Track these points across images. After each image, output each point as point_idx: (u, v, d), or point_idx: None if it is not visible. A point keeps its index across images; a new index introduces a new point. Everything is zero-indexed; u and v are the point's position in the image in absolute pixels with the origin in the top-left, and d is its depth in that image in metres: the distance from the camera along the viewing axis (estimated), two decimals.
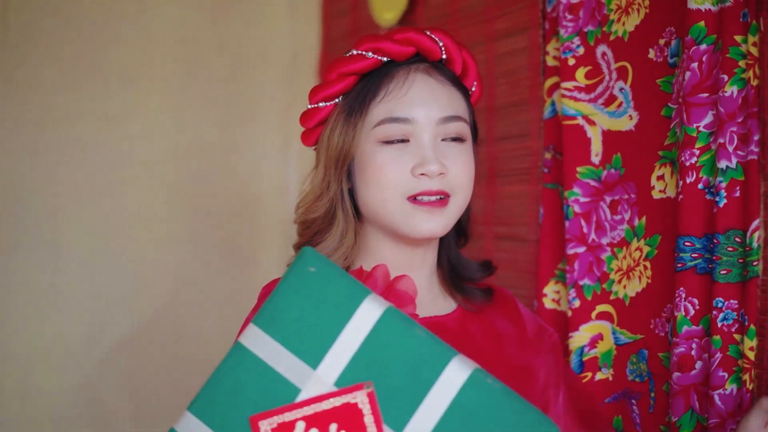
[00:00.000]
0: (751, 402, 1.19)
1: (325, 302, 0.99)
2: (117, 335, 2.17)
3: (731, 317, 1.21)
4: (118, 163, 2.16)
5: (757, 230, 1.18)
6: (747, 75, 1.18)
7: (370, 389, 0.96)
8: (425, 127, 1.18)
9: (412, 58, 1.22)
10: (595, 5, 1.42)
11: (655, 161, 1.34)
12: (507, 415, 0.93)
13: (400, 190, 1.17)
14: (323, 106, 1.23)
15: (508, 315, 1.32)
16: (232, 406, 0.99)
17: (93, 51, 2.12)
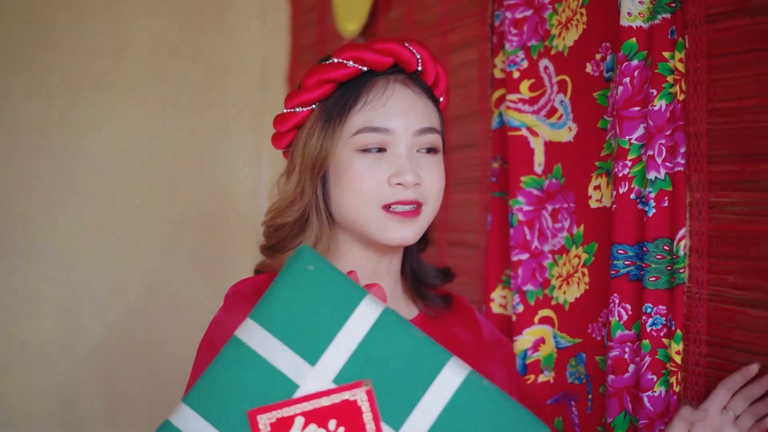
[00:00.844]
0: (678, 404, 1.24)
1: (324, 300, 0.99)
2: (91, 338, 2.21)
3: (659, 322, 1.25)
4: (91, 170, 2.20)
5: (683, 239, 1.23)
6: (674, 90, 1.23)
7: (369, 387, 0.97)
8: (402, 137, 1.20)
9: (390, 68, 1.24)
10: (538, 20, 1.47)
11: (592, 171, 1.39)
12: (502, 416, 0.96)
13: (376, 198, 1.19)
14: (299, 111, 1.25)
15: (466, 322, 1.36)
16: (229, 399, 0.98)
17: (66, 60, 2.16)
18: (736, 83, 1.16)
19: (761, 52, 1.13)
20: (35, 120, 2.14)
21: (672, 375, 1.24)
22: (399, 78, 1.23)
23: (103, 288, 2.23)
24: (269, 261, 1.29)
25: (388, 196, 1.19)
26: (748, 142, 1.15)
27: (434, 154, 1.24)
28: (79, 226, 2.19)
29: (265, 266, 1.30)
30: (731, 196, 1.17)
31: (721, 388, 1.16)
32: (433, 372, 0.96)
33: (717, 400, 1.16)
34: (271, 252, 1.29)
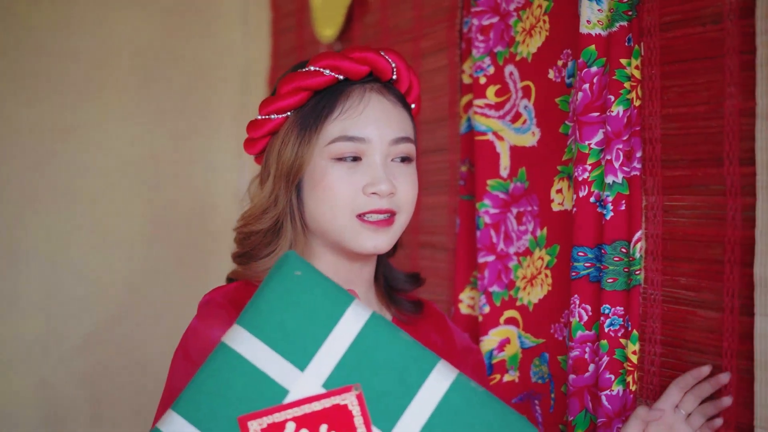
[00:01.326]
0: (634, 402, 1.27)
1: (312, 305, 0.99)
2: (73, 338, 2.24)
3: (617, 323, 1.28)
4: (74, 173, 2.23)
5: (639, 241, 1.26)
6: (631, 96, 1.26)
7: (359, 391, 0.97)
8: (378, 147, 1.21)
9: (366, 77, 1.24)
10: (503, 27, 1.50)
11: (554, 175, 1.42)
12: (491, 417, 0.97)
13: (350, 207, 1.20)
14: (274, 118, 1.24)
15: (437, 328, 1.37)
16: (218, 406, 0.98)
17: (50, 64, 2.19)
18: (688, 90, 1.19)
19: (711, 60, 1.15)
20: (18, 123, 2.17)
21: (629, 374, 1.27)
22: (375, 87, 1.24)
23: (85, 289, 2.26)
24: (241, 269, 1.28)
25: (363, 205, 1.19)
26: (699, 147, 1.17)
27: (408, 163, 1.25)
28: (61, 228, 2.22)
29: (237, 274, 1.29)
30: (683, 199, 1.20)
31: (673, 388, 1.18)
32: (422, 375, 0.97)
33: (669, 399, 1.18)
34: (243, 259, 1.28)
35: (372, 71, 1.25)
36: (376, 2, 1.89)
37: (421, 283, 1.40)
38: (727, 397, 1.14)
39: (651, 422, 1.18)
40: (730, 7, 1.13)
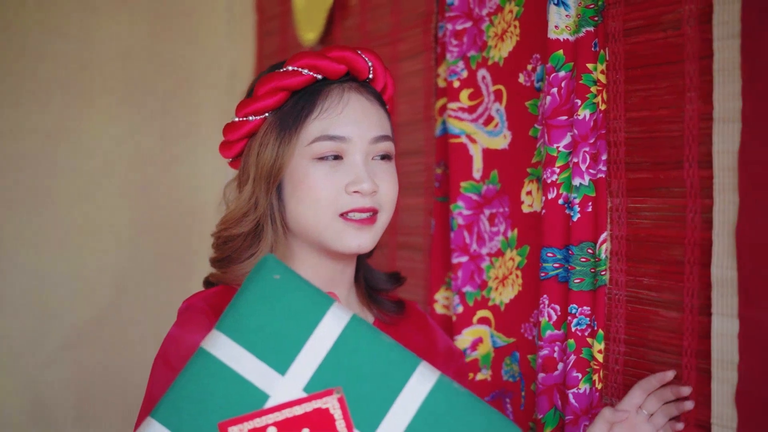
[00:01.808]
0: (600, 400, 1.30)
1: (291, 309, 0.98)
2: (60, 338, 2.27)
3: (584, 322, 1.31)
4: (59, 175, 2.26)
5: (604, 243, 1.29)
6: (597, 100, 1.29)
7: (341, 394, 0.96)
8: (359, 145, 1.20)
9: (343, 76, 1.24)
10: (476, 32, 1.52)
11: (524, 178, 1.44)
12: (475, 418, 0.96)
13: (333, 206, 1.18)
14: (252, 120, 1.22)
15: (420, 328, 1.37)
16: (198, 412, 0.96)
17: (36, 67, 2.22)
18: (651, 94, 1.21)
19: (672, 65, 1.18)
20: (5, 127, 2.20)
21: (595, 373, 1.29)
22: (353, 86, 1.23)
23: (71, 289, 2.28)
24: (220, 273, 1.27)
25: (346, 204, 1.19)
26: (661, 150, 1.20)
27: (388, 161, 1.25)
28: (47, 229, 2.25)
29: (216, 278, 1.27)
30: (646, 201, 1.23)
31: (637, 389, 1.20)
32: (404, 377, 0.96)
33: (633, 399, 1.19)
34: (222, 264, 1.26)
35: (349, 70, 1.24)
36: (356, 6, 1.92)
37: (402, 282, 1.39)
38: (690, 401, 1.15)
39: (616, 423, 1.20)
40: (689, 13, 1.15)
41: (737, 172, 1.05)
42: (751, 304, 1.02)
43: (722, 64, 1.08)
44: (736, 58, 1.06)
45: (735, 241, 1.04)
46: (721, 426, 1.08)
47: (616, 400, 1.28)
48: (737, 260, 1.04)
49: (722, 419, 1.08)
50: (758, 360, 1.01)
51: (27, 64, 2.21)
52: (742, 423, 1.05)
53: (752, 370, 1.03)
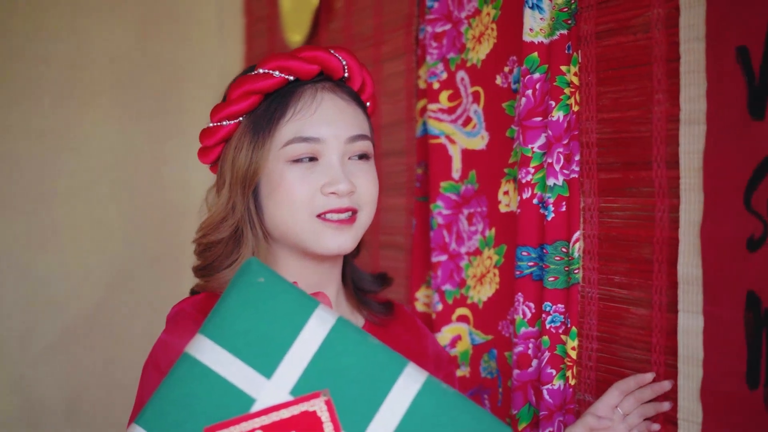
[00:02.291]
0: (573, 396, 1.32)
1: (276, 312, 0.97)
2: (50, 335, 2.30)
3: (558, 320, 1.33)
4: (50, 176, 2.29)
5: (577, 241, 1.31)
6: (570, 101, 1.31)
7: (328, 397, 0.95)
8: (334, 146, 1.19)
9: (317, 76, 1.22)
10: (455, 34, 1.55)
11: (501, 178, 1.47)
12: (464, 418, 0.95)
13: (310, 208, 1.17)
14: (226, 125, 1.22)
15: (409, 330, 1.36)
16: (183, 417, 0.95)
17: (26, 69, 2.25)
18: (621, 96, 1.24)
19: (641, 67, 1.20)
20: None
21: (568, 369, 1.32)
22: (327, 86, 1.22)
23: (62, 288, 2.31)
24: (203, 281, 1.25)
25: (322, 206, 1.18)
26: (631, 150, 1.22)
27: (366, 160, 1.23)
28: (38, 228, 2.28)
29: (201, 287, 1.26)
30: (617, 201, 1.25)
31: (614, 390, 1.20)
32: (391, 379, 0.95)
33: (610, 399, 1.19)
34: (205, 272, 1.25)
35: (323, 70, 1.23)
36: (340, 9, 1.95)
37: (389, 282, 1.38)
38: (667, 402, 1.16)
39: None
40: (657, 17, 1.18)
41: (702, 172, 1.07)
42: (715, 301, 1.04)
43: (688, 66, 1.10)
44: (701, 61, 1.08)
45: (700, 240, 1.06)
46: (687, 421, 1.10)
47: (589, 396, 1.30)
48: (702, 259, 1.06)
49: (688, 414, 1.10)
50: (722, 356, 1.03)
51: (19, 65, 2.24)
52: (707, 418, 1.07)
53: (716, 365, 1.05)
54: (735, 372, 1.00)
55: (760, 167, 0.99)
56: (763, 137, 0.99)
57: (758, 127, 0.99)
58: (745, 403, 0.99)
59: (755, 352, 0.98)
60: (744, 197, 1.01)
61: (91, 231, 2.36)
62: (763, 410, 0.97)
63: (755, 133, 1.00)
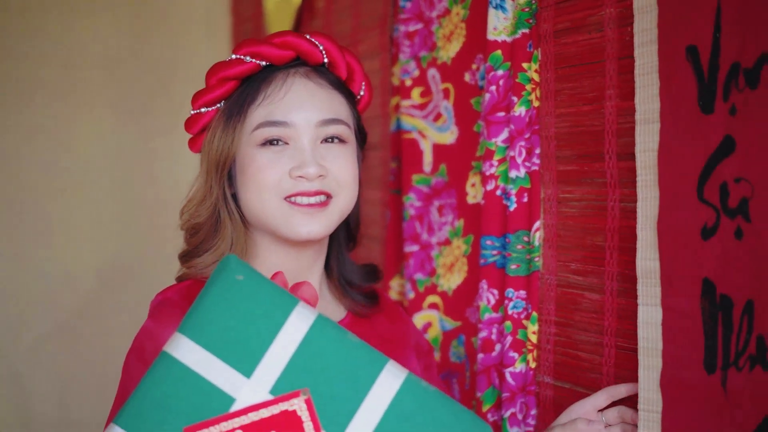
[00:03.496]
0: (534, 378, 1.38)
1: (255, 310, 0.96)
2: (43, 326, 2.37)
3: (520, 306, 1.40)
4: (43, 171, 2.36)
5: (538, 230, 1.38)
6: (531, 97, 1.37)
7: (308, 396, 0.94)
8: (304, 130, 1.19)
9: (293, 62, 1.23)
10: (427, 33, 1.61)
11: (469, 171, 1.53)
12: (443, 416, 0.95)
13: (278, 191, 1.18)
14: (205, 112, 1.24)
15: (393, 320, 1.38)
16: (163, 417, 0.94)
17: (21, 69, 2.32)
18: (577, 91, 1.30)
19: (595, 65, 1.27)
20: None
21: (529, 353, 1.38)
22: (300, 71, 1.22)
23: (55, 282, 2.38)
24: (185, 267, 1.27)
25: (290, 188, 1.18)
26: (586, 143, 1.29)
27: (341, 144, 1.23)
28: (30, 223, 2.34)
29: (185, 274, 1.27)
30: (574, 192, 1.31)
31: (604, 393, 1.21)
32: (371, 377, 0.95)
33: (597, 401, 1.22)
34: (187, 258, 1.27)
35: (298, 55, 1.23)
36: (321, 9, 2.01)
37: (379, 277, 1.40)
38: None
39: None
40: (610, 16, 1.24)
41: (657, 168, 1.12)
42: (673, 292, 1.08)
43: (643, 69, 1.15)
44: (654, 63, 1.13)
45: (657, 234, 1.11)
46: (648, 411, 1.13)
47: (548, 378, 1.36)
48: (659, 252, 1.10)
49: (649, 404, 1.13)
50: (680, 345, 1.07)
51: (10, 64, 2.31)
52: (666, 406, 1.10)
53: (675, 355, 1.08)
54: (693, 359, 1.04)
55: (711, 158, 1.03)
56: (712, 130, 1.02)
57: (708, 121, 1.03)
58: (703, 388, 1.03)
59: (712, 337, 1.02)
60: (697, 188, 1.04)
61: (84, 226, 2.42)
62: (721, 392, 1.01)
63: (705, 126, 1.03)
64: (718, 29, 1.02)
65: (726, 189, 0.98)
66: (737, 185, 0.97)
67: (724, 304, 0.98)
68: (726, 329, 0.98)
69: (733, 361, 0.97)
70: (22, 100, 2.32)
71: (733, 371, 0.97)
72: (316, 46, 1.23)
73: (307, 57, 1.24)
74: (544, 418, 1.36)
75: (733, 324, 0.97)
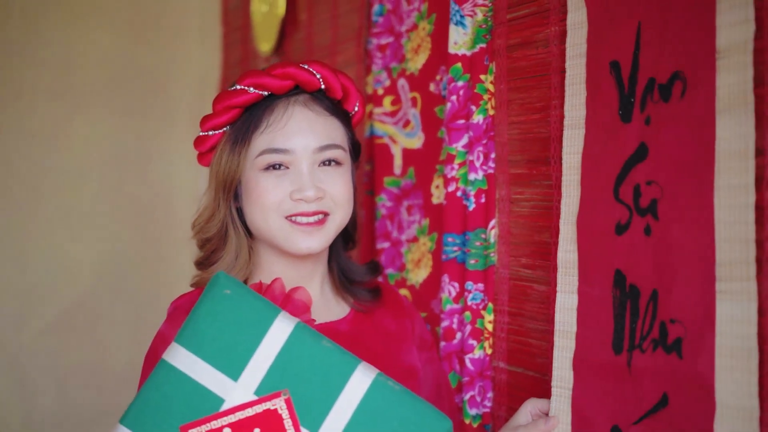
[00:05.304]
0: (490, 363, 1.51)
1: (242, 321, 1.09)
2: (44, 319, 2.50)
3: (478, 297, 1.52)
4: (44, 172, 2.49)
5: (493, 228, 1.50)
6: (488, 106, 1.50)
7: (287, 396, 1.06)
8: (303, 156, 1.29)
9: (292, 90, 1.32)
10: (397, 46, 1.74)
11: (433, 173, 1.66)
12: (408, 413, 1.07)
13: (280, 211, 1.29)
14: (212, 134, 1.34)
15: (395, 315, 1.47)
16: (162, 417, 1.08)
17: (20, 73, 2.45)
18: (526, 101, 1.43)
19: (542, 77, 1.39)
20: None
21: (486, 340, 1.51)
22: (300, 99, 1.32)
23: (55, 276, 2.51)
24: (202, 274, 1.38)
25: (291, 209, 1.29)
26: (534, 149, 1.41)
27: (338, 166, 1.33)
28: (32, 221, 2.47)
29: (198, 278, 1.38)
30: (524, 193, 1.44)
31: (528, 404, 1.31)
32: (344, 378, 1.07)
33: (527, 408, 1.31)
34: (202, 266, 1.38)
35: (297, 84, 1.33)
36: (303, 22, 2.14)
37: (380, 271, 1.50)
38: None
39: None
40: (554, 33, 1.36)
41: (580, 170, 1.25)
42: (588, 281, 1.21)
43: (572, 79, 1.28)
44: (582, 74, 1.26)
45: (576, 228, 1.24)
46: (560, 388, 1.25)
47: (502, 363, 1.49)
48: (577, 244, 1.23)
49: (561, 382, 1.25)
50: (592, 329, 1.19)
51: (13, 69, 2.43)
52: (577, 384, 1.21)
53: (587, 338, 1.21)
54: (603, 341, 1.16)
55: (627, 163, 1.16)
56: (629, 137, 1.15)
57: (626, 129, 1.16)
58: (610, 367, 1.15)
59: (620, 322, 1.14)
60: (614, 189, 1.17)
61: (82, 223, 2.56)
62: (626, 371, 1.13)
63: (623, 134, 1.16)
64: (638, 47, 1.15)
65: (638, 190, 1.11)
66: (648, 187, 1.10)
67: (632, 293, 1.11)
68: (633, 315, 1.11)
69: (638, 343, 1.09)
70: (22, 102, 2.45)
71: (638, 353, 1.10)
72: (313, 75, 1.33)
73: (306, 85, 1.33)
74: (499, 400, 1.49)
75: (639, 311, 1.10)
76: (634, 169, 1.12)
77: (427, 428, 1.07)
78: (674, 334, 1.05)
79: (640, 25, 1.15)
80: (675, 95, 1.08)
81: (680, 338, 1.04)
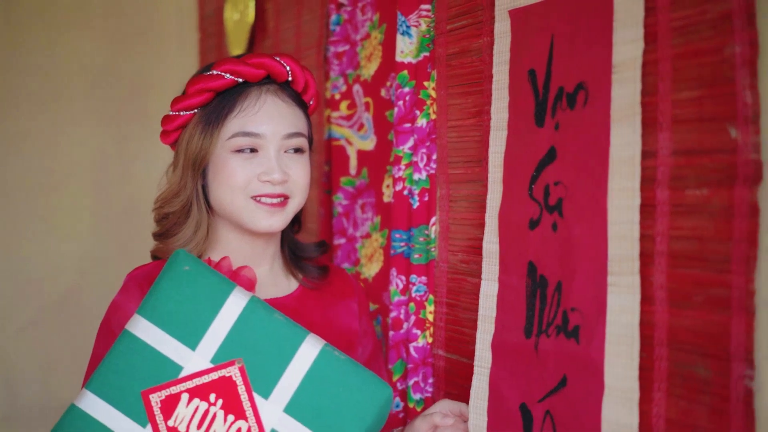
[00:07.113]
0: (431, 351, 1.61)
1: (199, 295, 1.18)
2: (28, 313, 2.60)
3: (422, 289, 1.62)
4: (30, 173, 2.59)
5: (434, 225, 1.61)
6: (431, 111, 1.60)
7: (241, 364, 1.15)
8: (272, 141, 1.38)
9: (263, 79, 1.41)
10: (352, 54, 1.85)
11: (384, 173, 1.77)
12: (352, 379, 1.17)
13: (246, 191, 1.37)
14: (183, 114, 1.41)
15: (341, 290, 1.57)
16: (125, 383, 1.17)
17: (7, 80, 2.55)
18: (463, 107, 1.53)
19: (476, 84, 1.49)
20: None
21: (427, 329, 1.61)
22: (271, 88, 1.40)
23: (39, 272, 2.61)
24: (161, 245, 1.46)
25: (257, 190, 1.38)
26: (469, 151, 1.51)
27: (301, 153, 1.43)
28: (19, 217, 2.58)
29: (158, 250, 1.47)
30: (461, 191, 1.54)
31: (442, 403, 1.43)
32: (293, 348, 1.17)
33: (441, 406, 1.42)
34: (161, 238, 1.47)
35: (269, 74, 1.41)
36: (271, 30, 2.25)
37: (326, 248, 1.59)
38: None
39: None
40: (487, 44, 1.46)
41: (503, 168, 1.36)
42: (506, 270, 1.31)
43: (497, 85, 1.38)
44: (506, 80, 1.37)
45: (498, 222, 1.35)
46: (481, 367, 1.36)
47: (441, 351, 1.59)
48: (499, 237, 1.34)
49: (481, 362, 1.36)
50: (508, 315, 1.30)
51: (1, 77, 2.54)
52: (495, 363, 1.32)
53: (504, 322, 1.31)
54: (517, 326, 1.27)
55: (540, 164, 1.27)
56: (542, 140, 1.25)
57: (539, 133, 1.26)
58: (521, 349, 1.26)
59: (531, 309, 1.25)
60: (528, 187, 1.28)
61: (66, 220, 2.67)
62: (534, 353, 1.24)
63: (537, 137, 1.27)
64: (551, 58, 1.25)
65: (548, 190, 1.22)
66: (556, 187, 1.20)
67: (542, 283, 1.21)
68: (542, 303, 1.21)
69: (544, 329, 1.20)
70: (9, 108, 2.56)
71: (544, 337, 1.20)
72: (283, 67, 1.42)
73: (277, 76, 1.42)
74: (438, 385, 1.59)
75: (547, 299, 1.20)
76: (545, 170, 1.23)
77: (370, 393, 1.18)
78: (574, 321, 1.15)
79: (553, 38, 1.25)
80: (579, 104, 1.18)
81: (578, 326, 1.14)
